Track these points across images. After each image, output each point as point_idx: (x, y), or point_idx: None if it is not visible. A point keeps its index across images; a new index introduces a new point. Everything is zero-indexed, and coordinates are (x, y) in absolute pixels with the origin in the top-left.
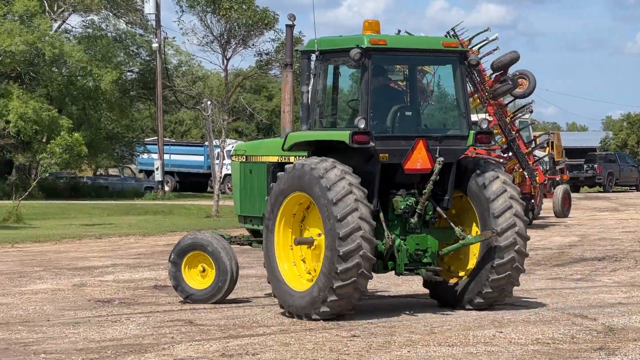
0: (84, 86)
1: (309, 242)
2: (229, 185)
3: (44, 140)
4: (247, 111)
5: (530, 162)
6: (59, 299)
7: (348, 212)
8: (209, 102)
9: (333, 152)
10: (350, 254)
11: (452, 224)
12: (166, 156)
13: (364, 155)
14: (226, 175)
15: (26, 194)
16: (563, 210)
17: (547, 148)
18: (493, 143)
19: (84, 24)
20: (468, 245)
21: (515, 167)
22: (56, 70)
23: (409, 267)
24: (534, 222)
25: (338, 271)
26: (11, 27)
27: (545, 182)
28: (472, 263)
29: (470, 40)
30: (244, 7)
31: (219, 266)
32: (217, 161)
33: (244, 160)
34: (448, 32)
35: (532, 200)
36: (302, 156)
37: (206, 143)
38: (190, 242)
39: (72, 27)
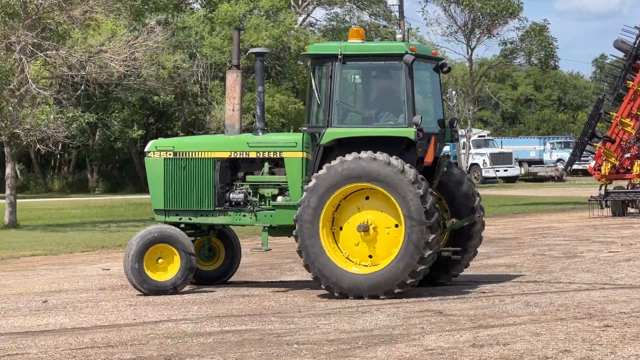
0: None
1: (368, 228)
2: (475, 175)
3: (290, 132)
4: (492, 100)
5: None
6: (310, 290)
7: (425, 189)
8: (453, 92)
9: (353, 146)
10: (435, 224)
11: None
12: None
13: (399, 149)
14: (472, 164)
15: None
16: None
17: None
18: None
19: (328, 16)
20: (460, 227)
21: None
22: (301, 63)
23: None
24: None
25: (429, 240)
26: (258, 22)
27: None
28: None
29: None
30: None
31: (184, 255)
32: (463, 151)
33: (172, 156)
34: None
35: None
36: (263, 151)
37: None
38: (156, 235)
39: (317, 20)
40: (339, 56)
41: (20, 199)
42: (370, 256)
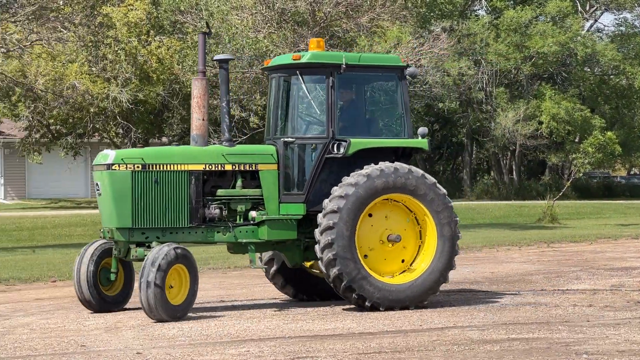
0: (616, 85)
1: (399, 239)
2: None
3: (576, 140)
4: None
5: None
6: (598, 299)
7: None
8: None
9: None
10: (458, 230)
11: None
12: None
13: (389, 159)
14: None
15: (560, 194)
16: None
17: None
18: None
19: (617, 22)
20: None
21: None
22: (588, 70)
23: None
24: None
25: (458, 241)
26: (544, 29)
27: None
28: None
29: None
30: None
31: (194, 276)
32: None
33: (140, 169)
34: None
35: None
36: (239, 164)
37: None
38: (176, 255)
39: (605, 25)
40: (342, 66)
41: None
42: (403, 264)
